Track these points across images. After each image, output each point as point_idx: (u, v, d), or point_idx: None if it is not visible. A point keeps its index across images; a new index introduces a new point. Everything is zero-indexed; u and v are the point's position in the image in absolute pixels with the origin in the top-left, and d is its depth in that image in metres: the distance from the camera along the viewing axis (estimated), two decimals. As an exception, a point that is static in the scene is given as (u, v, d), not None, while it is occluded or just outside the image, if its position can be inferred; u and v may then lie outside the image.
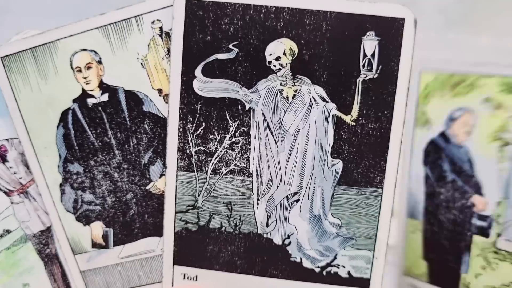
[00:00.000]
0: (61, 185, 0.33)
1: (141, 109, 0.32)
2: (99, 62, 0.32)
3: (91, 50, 0.31)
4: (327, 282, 0.32)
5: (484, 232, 0.36)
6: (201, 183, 0.31)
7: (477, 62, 0.35)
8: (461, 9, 0.57)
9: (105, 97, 0.32)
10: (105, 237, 0.33)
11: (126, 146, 0.32)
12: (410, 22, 0.29)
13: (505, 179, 0.35)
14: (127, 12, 0.30)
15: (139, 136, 0.32)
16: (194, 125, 0.31)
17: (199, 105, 0.31)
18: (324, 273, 0.32)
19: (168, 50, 0.31)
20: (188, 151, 0.31)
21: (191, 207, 0.32)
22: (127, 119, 0.32)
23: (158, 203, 0.32)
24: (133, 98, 0.32)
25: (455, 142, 0.37)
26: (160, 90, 0.31)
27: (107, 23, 0.31)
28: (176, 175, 0.31)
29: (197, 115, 0.31)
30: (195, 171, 0.31)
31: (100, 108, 0.32)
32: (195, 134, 0.31)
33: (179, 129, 0.31)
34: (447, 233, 0.38)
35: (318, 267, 0.32)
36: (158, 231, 0.33)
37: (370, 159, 0.30)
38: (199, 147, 0.31)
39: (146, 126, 0.32)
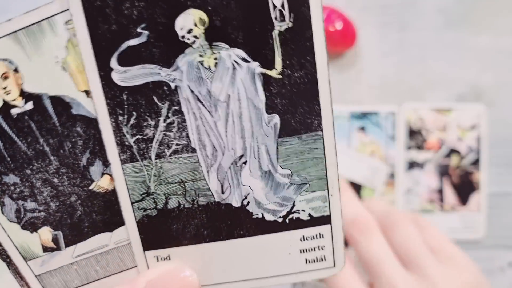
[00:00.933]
0: None
1: (70, 113, 0.31)
2: (16, 70, 0.30)
3: (4, 60, 0.30)
4: (291, 228, 0.34)
5: None
6: (148, 169, 0.32)
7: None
8: (461, 9, 0.58)
9: (29, 105, 0.31)
10: (55, 240, 0.34)
11: (61, 151, 0.32)
12: None
13: None
14: (36, 15, 0.29)
15: (73, 140, 0.32)
16: (126, 116, 0.31)
17: (124, 96, 0.30)
18: (287, 221, 0.33)
19: None
20: (127, 143, 0.31)
21: (145, 194, 0.32)
22: (57, 124, 0.31)
23: (104, 200, 0.33)
24: (60, 103, 0.31)
25: None
26: (87, 92, 0.31)
27: (17, 29, 0.29)
28: (122, 168, 0.32)
29: (126, 106, 0.31)
30: (140, 160, 0.32)
31: (26, 117, 0.31)
32: (129, 125, 0.31)
33: (111, 124, 0.31)
34: None
35: (280, 217, 0.33)
36: (108, 227, 0.33)
37: (304, 106, 0.31)
38: (136, 137, 0.31)
39: (78, 129, 0.31)
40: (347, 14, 0.60)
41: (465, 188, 0.60)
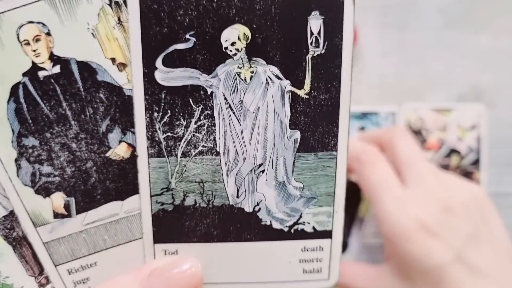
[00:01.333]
0: (16, 160, 0.33)
1: (95, 78, 0.33)
2: (48, 34, 0.32)
3: (38, 22, 0.31)
4: (295, 238, 0.36)
5: None
6: (173, 166, 0.34)
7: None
8: (461, 9, 0.57)
9: (57, 69, 0.32)
10: (66, 206, 0.34)
11: (83, 116, 0.33)
12: (349, 0, 0.32)
13: None
14: None
15: (95, 106, 0.33)
16: (160, 113, 0.33)
17: (163, 95, 0.33)
18: (292, 231, 0.36)
19: (119, 19, 0.32)
20: (157, 139, 0.33)
21: (165, 189, 0.34)
22: (82, 89, 0.33)
23: (119, 168, 0.34)
24: (86, 68, 0.32)
25: None
26: (113, 59, 0.32)
27: None
28: (148, 162, 0.34)
29: (162, 104, 0.33)
30: (166, 156, 0.34)
31: (52, 80, 0.32)
32: (162, 122, 0.33)
33: (146, 119, 0.33)
34: None
35: (286, 226, 0.36)
36: (120, 195, 0.35)
37: (324, 126, 0.34)
38: (167, 134, 0.33)
39: (101, 95, 0.33)
40: (347, 14, 0.60)
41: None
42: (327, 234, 0.36)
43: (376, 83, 0.59)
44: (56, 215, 0.34)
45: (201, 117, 0.33)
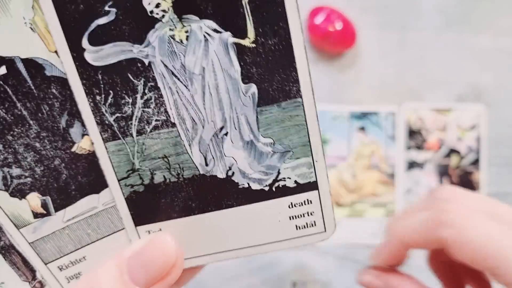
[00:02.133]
0: None
1: (44, 74, 0.31)
2: None
3: None
4: (278, 196, 0.34)
5: None
6: (131, 146, 0.33)
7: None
8: (461, 9, 0.59)
9: (3, 70, 0.31)
10: (44, 205, 0.34)
11: (40, 114, 0.32)
12: None
13: None
14: None
15: (49, 102, 0.32)
16: (103, 95, 0.31)
17: (99, 75, 0.31)
18: (274, 189, 0.34)
19: None
20: (107, 122, 0.32)
21: (131, 171, 0.33)
22: (32, 87, 0.32)
23: (87, 162, 0.33)
24: (33, 65, 0.31)
25: None
26: (57, 52, 0.31)
27: None
28: (105, 146, 0.32)
29: (102, 85, 0.31)
30: (121, 137, 0.32)
31: (1, 82, 0.32)
32: (107, 104, 0.31)
33: (89, 104, 0.31)
34: None
35: (266, 186, 0.34)
36: (94, 189, 0.34)
37: (281, 73, 0.31)
38: (115, 115, 0.32)
39: (54, 90, 0.32)
40: (347, 14, 0.60)
41: (464, 188, 0.59)
42: (313, 186, 0.34)
43: (376, 83, 0.60)
44: (36, 215, 0.35)
45: (146, 91, 0.31)
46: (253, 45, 0.30)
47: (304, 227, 0.35)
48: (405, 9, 0.59)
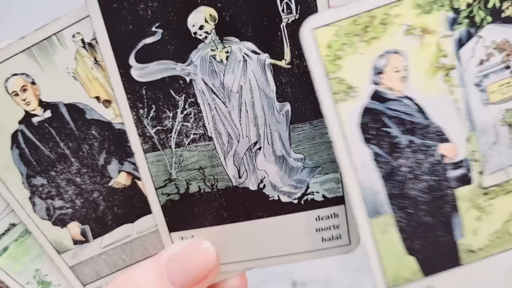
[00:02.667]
0: (30, 198, 0.37)
1: (84, 118, 0.35)
2: (33, 83, 0.34)
3: (22, 74, 0.33)
4: (306, 209, 0.36)
5: (465, 179, 0.32)
6: (169, 157, 0.35)
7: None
8: None
9: (48, 114, 0.35)
10: (83, 233, 0.38)
11: (80, 153, 0.36)
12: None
13: (463, 109, 0.30)
14: (46, 31, 0.32)
15: (89, 142, 0.35)
16: (146, 109, 0.33)
17: (144, 91, 0.33)
18: (302, 202, 0.36)
19: (95, 59, 0.33)
20: (148, 134, 0.34)
21: (168, 181, 0.35)
22: (74, 129, 0.35)
23: (123, 195, 0.36)
24: (75, 109, 0.35)
25: (394, 97, 0.30)
26: (98, 98, 0.34)
27: (30, 45, 0.33)
28: (145, 157, 0.35)
29: (145, 100, 0.33)
30: (161, 149, 0.34)
31: (46, 124, 0.35)
32: (149, 117, 0.34)
33: (133, 117, 0.34)
34: (426, 206, 0.32)
35: (295, 199, 0.36)
36: (129, 218, 0.37)
37: (314, 93, 0.33)
38: (156, 128, 0.34)
39: (93, 131, 0.35)
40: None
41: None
42: (339, 201, 0.36)
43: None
44: (76, 242, 0.38)
45: (186, 106, 0.33)
46: (289, 66, 0.32)
47: (330, 239, 0.37)
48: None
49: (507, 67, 0.30)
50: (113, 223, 0.37)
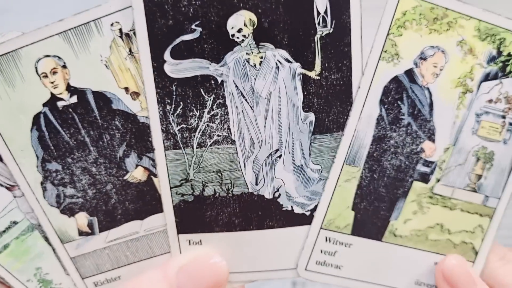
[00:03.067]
0: (42, 183, 0.36)
1: (110, 107, 0.34)
2: (64, 66, 0.33)
3: (54, 56, 0.33)
4: None
5: (425, 178, 0.36)
6: (189, 157, 0.35)
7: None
8: None
9: (74, 99, 0.34)
10: (90, 225, 0.37)
11: (100, 142, 0.35)
12: None
13: (457, 126, 0.35)
14: (85, 17, 0.32)
15: (111, 133, 0.35)
16: (173, 106, 0.34)
17: (174, 87, 0.33)
18: (314, 214, 0.36)
19: (130, 51, 0.33)
20: (171, 131, 0.34)
21: (184, 181, 0.35)
22: (98, 117, 0.35)
23: (137, 190, 0.36)
24: (102, 98, 0.34)
25: (420, 83, 0.35)
26: (126, 89, 0.34)
27: (67, 28, 0.32)
28: (165, 154, 0.34)
29: (174, 96, 0.33)
30: (182, 147, 0.34)
31: (70, 110, 0.34)
32: (175, 114, 0.34)
33: (159, 112, 0.34)
34: (387, 180, 0.36)
35: (308, 210, 0.36)
36: (139, 215, 0.36)
37: (338, 106, 0.34)
38: (181, 125, 0.34)
39: (117, 122, 0.35)
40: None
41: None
42: (350, 216, 0.36)
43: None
44: (81, 233, 0.37)
45: (214, 107, 0.34)
46: (318, 77, 0.34)
47: (337, 255, 0.37)
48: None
49: (503, 117, 0.35)
50: (122, 218, 0.36)
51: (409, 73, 0.35)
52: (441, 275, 0.36)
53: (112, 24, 0.32)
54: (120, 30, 0.32)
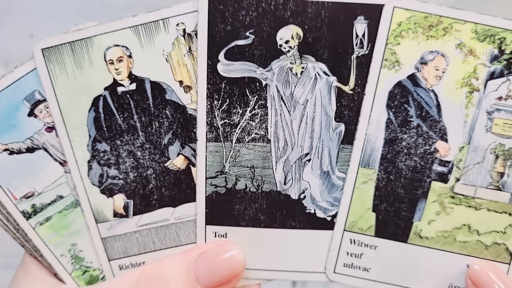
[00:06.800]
0: (89, 161, 0.40)
1: (164, 97, 0.39)
2: (130, 56, 0.39)
3: (123, 46, 0.38)
4: None
5: (443, 177, 0.38)
6: (228, 151, 0.39)
7: (453, 6, 0.37)
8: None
9: (133, 86, 0.39)
10: (125, 207, 0.40)
11: (149, 128, 0.39)
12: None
13: (469, 125, 0.38)
14: (156, 15, 0.38)
15: (161, 120, 0.39)
16: (220, 101, 0.38)
17: (223, 85, 0.38)
18: (335, 220, 0.40)
19: (189, 49, 0.38)
20: (215, 125, 0.39)
21: (219, 173, 0.39)
22: (151, 105, 0.39)
23: (175, 178, 0.40)
24: (158, 87, 0.39)
25: (424, 86, 0.38)
26: (181, 82, 0.39)
27: (138, 23, 0.38)
28: (206, 145, 0.39)
29: (222, 93, 0.38)
30: (222, 141, 0.39)
31: (128, 96, 0.39)
32: (220, 110, 0.39)
33: (207, 106, 0.38)
34: (405, 180, 0.38)
35: (329, 216, 0.40)
36: (173, 202, 0.40)
37: None
38: (224, 120, 0.39)
39: (167, 112, 0.39)
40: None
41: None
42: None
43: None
44: (115, 214, 0.41)
45: (256, 107, 0.39)
46: (351, 92, 0.38)
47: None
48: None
49: (516, 112, 0.38)
50: (156, 204, 0.40)
51: (412, 78, 0.38)
52: (470, 281, 0.37)
53: (177, 24, 0.38)
54: (184, 30, 0.38)
